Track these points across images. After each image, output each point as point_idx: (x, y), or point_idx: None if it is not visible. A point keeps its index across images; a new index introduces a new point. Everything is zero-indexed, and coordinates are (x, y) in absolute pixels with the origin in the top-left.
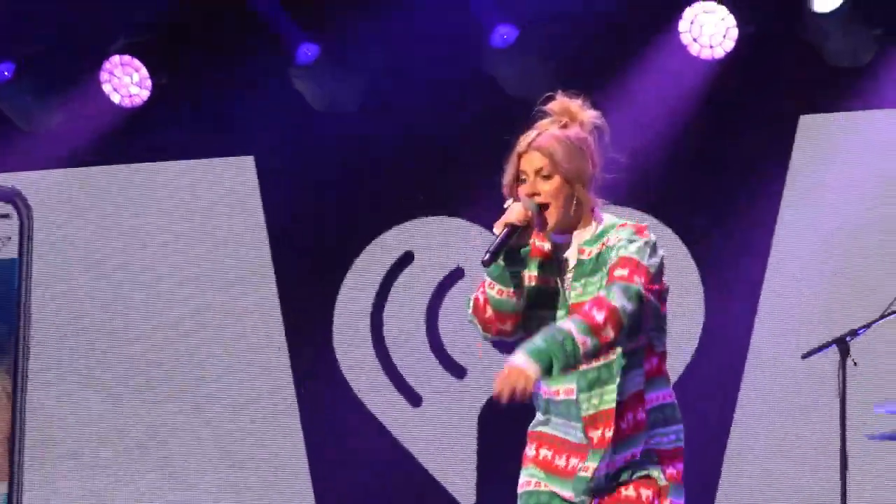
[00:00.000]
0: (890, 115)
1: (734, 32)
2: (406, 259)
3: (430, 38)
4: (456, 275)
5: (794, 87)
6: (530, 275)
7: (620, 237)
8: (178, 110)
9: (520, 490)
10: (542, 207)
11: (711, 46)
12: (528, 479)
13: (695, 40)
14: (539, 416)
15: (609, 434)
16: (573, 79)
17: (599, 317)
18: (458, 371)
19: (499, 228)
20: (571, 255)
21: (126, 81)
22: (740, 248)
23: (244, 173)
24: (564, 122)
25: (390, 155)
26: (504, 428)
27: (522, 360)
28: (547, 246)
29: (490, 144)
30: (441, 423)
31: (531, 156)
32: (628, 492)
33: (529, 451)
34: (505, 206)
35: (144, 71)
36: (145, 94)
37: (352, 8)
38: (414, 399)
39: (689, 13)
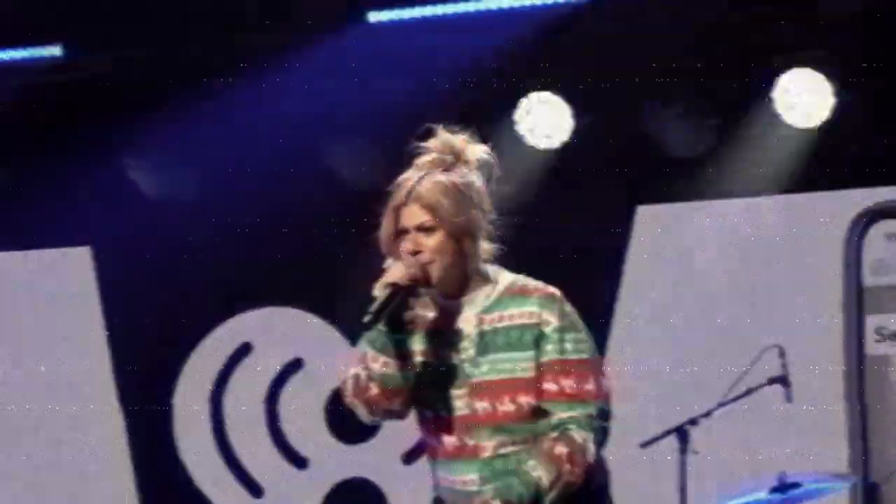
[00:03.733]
0: (727, 205)
1: (570, 123)
2: (244, 350)
3: (270, 125)
4: (295, 365)
5: (631, 178)
6: (416, 349)
7: (548, 320)
8: (10, 200)
9: None
10: (426, 265)
11: (548, 136)
12: None
13: (531, 130)
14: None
15: None
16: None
17: (575, 466)
18: (299, 461)
19: (379, 290)
20: (467, 325)
21: None
22: None
23: (80, 264)
24: (448, 164)
25: (228, 244)
26: None
27: None
28: (431, 314)
29: (329, 234)
30: None
31: (411, 209)
32: None
33: None
34: (384, 265)
35: None
36: None
37: (188, 95)
38: (255, 490)
39: (525, 103)
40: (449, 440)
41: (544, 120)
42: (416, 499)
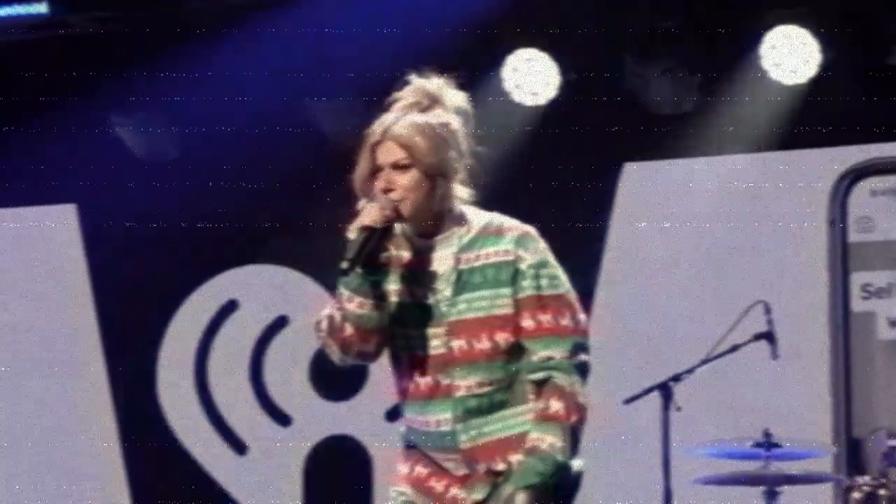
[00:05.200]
0: (714, 162)
1: (556, 80)
2: (230, 307)
3: (253, 83)
4: (280, 323)
5: (617, 135)
6: (391, 289)
7: (523, 257)
8: None
9: None
10: (397, 203)
11: (535, 93)
12: (396, 496)
13: (517, 86)
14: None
15: (497, 468)
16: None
17: (573, 416)
18: (282, 419)
19: (353, 233)
20: (443, 264)
21: None
22: None
23: (66, 222)
24: (425, 105)
25: (213, 202)
26: (329, 476)
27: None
28: (406, 254)
29: (313, 191)
30: (266, 471)
31: (387, 146)
32: None
33: (402, 468)
34: (358, 206)
35: None
36: None
37: (174, 52)
38: (239, 447)
39: (511, 60)
40: (423, 380)
41: (531, 77)
42: (399, 455)
